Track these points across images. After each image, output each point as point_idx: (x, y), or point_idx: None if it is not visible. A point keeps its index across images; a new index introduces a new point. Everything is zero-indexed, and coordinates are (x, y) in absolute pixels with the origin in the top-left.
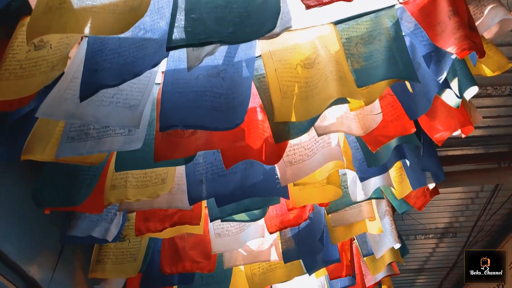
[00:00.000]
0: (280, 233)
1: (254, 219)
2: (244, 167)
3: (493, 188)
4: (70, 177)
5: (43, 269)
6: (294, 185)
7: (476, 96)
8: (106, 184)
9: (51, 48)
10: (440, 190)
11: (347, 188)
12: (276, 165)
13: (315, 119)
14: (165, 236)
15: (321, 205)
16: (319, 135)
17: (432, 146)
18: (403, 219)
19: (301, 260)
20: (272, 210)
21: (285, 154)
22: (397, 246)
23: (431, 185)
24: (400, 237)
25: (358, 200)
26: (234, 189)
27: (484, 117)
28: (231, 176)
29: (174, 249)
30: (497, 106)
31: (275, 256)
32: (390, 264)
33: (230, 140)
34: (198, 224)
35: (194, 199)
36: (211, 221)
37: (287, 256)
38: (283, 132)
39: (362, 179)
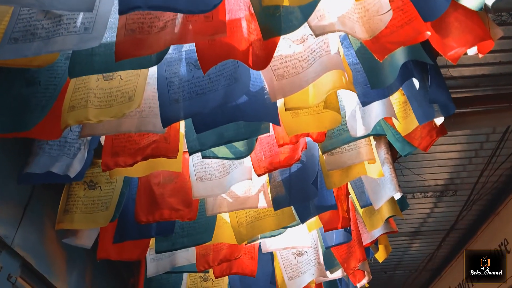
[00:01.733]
0: (269, 178)
1: (240, 156)
2: (227, 83)
3: (499, 139)
4: (23, 100)
5: (6, 223)
6: (286, 109)
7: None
8: (64, 106)
9: None
10: (445, 137)
11: (345, 125)
12: (265, 81)
13: (311, 6)
14: (138, 175)
15: (316, 140)
16: (316, 35)
17: (440, 76)
18: (403, 174)
19: (292, 207)
20: (260, 152)
21: (276, 67)
22: (398, 195)
23: (439, 120)
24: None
25: (358, 135)
26: (216, 110)
27: (494, 52)
28: (212, 94)
29: (150, 197)
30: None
31: (263, 202)
32: (387, 221)
33: (207, 33)
34: (175, 157)
35: (167, 119)
36: (190, 154)
37: (277, 202)
38: (273, 24)
39: (365, 103)
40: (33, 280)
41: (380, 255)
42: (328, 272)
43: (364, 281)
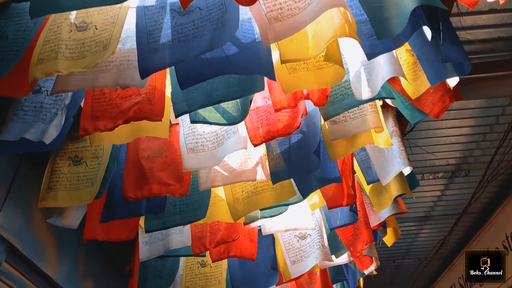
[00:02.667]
0: (267, 150)
1: (233, 121)
2: (213, 28)
3: None
4: None
5: None
6: (282, 61)
7: None
8: (32, 59)
9: None
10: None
11: (349, 89)
12: (257, 27)
13: None
14: (122, 141)
15: (316, 103)
16: None
17: (454, 32)
18: (412, 151)
19: (293, 181)
20: (256, 120)
21: (269, 9)
22: (408, 170)
23: (453, 81)
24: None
25: (364, 98)
26: (202, 63)
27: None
28: (197, 41)
29: (139, 171)
30: None
31: (261, 175)
32: (396, 201)
33: None
34: (160, 119)
35: (146, 69)
36: (176, 116)
37: (276, 175)
38: None
39: (370, 55)
40: (20, 265)
41: (389, 239)
42: (333, 257)
43: (372, 268)
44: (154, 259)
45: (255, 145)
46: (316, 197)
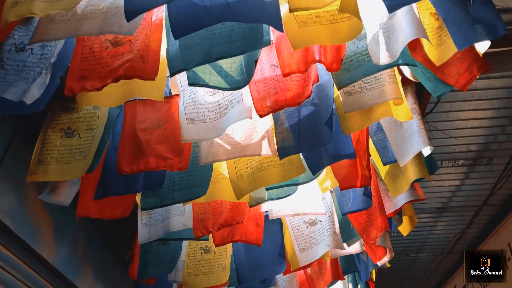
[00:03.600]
0: (274, 124)
1: (236, 86)
2: None
3: None
4: None
5: None
6: (291, 10)
7: None
8: (6, 4)
9: None
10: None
11: (365, 55)
12: None
13: None
14: (111, 104)
15: (329, 67)
16: None
17: None
18: (432, 135)
19: (302, 157)
20: (263, 89)
21: None
22: (427, 150)
23: (483, 47)
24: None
25: (382, 62)
26: (199, 10)
27: None
28: None
29: (135, 144)
30: None
31: (267, 150)
32: (413, 187)
33: None
34: (153, 78)
35: (133, 10)
36: (171, 74)
37: (284, 150)
38: None
39: (391, 8)
40: (12, 245)
41: (405, 228)
42: (344, 245)
43: (386, 259)
44: (156, 244)
45: (261, 116)
46: (328, 181)
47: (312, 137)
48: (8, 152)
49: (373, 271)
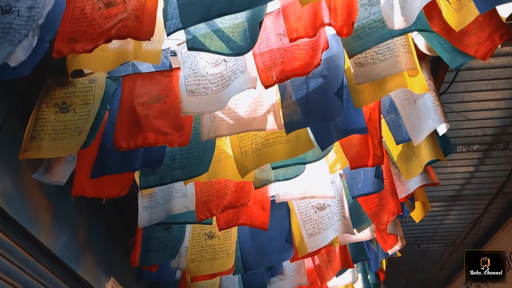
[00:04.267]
0: (281, 96)
1: (239, 52)
2: None
3: None
4: None
5: None
6: None
7: None
8: None
9: None
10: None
11: (379, 21)
12: None
13: None
14: (104, 69)
15: (340, 31)
16: None
17: None
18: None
19: (310, 131)
20: (268, 59)
21: None
22: (443, 128)
23: (507, 11)
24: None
25: (396, 27)
26: None
27: None
28: None
29: (133, 118)
30: None
31: (273, 125)
32: (426, 170)
33: None
34: (149, 38)
35: None
36: (168, 34)
37: (291, 124)
38: None
39: None
40: (8, 229)
41: (417, 214)
42: (354, 231)
43: (397, 247)
44: (159, 230)
45: (266, 87)
46: (338, 165)
47: (321, 110)
48: (2, 132)
49: (383, 261)
